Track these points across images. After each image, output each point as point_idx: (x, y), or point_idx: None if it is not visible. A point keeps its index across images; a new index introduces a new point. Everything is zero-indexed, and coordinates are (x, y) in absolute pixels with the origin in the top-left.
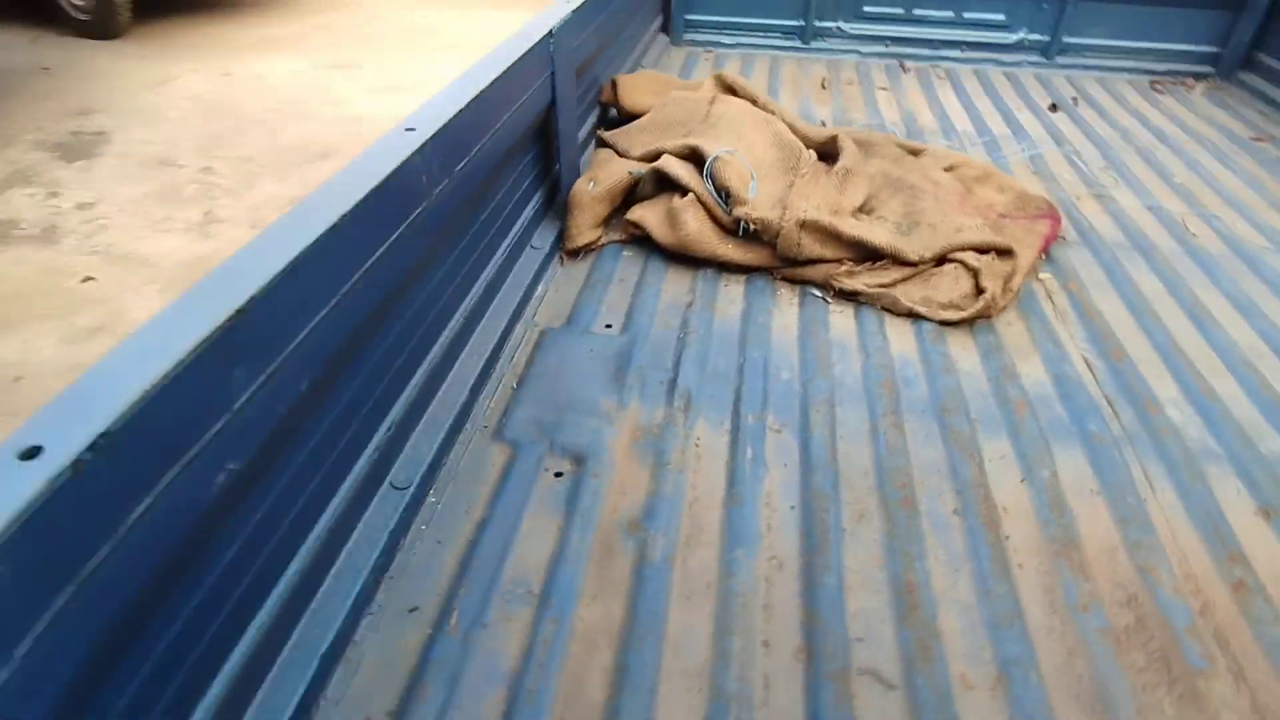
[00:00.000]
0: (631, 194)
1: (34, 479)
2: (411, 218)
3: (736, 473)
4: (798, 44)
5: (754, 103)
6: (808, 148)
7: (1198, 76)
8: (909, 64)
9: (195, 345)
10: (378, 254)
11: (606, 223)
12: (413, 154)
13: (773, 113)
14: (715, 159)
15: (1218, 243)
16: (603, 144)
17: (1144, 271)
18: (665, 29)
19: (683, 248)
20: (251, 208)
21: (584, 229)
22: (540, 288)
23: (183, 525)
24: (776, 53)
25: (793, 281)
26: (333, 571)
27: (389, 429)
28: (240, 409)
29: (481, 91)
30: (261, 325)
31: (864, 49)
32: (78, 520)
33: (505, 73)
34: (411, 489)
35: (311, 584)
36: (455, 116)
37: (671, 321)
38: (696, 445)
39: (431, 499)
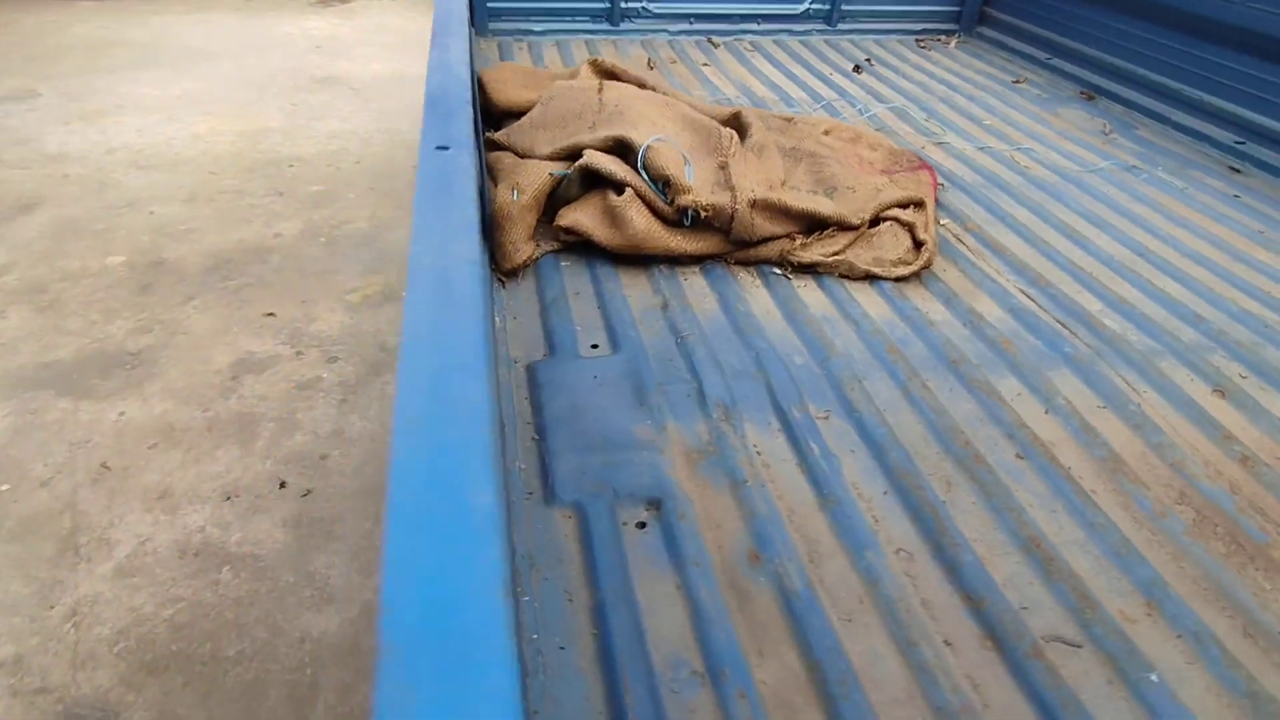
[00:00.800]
0: (550, 198)
1: None
2: None
3: (814, 472)
4: (607, 26)
5: (641, 86)
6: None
7: (949, 33)
8: (717, 39)
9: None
10: None
11: (535, 233)
12: (468, 175)
13: (665, 93)
14: (647, 148)
15: (1045, 171)
16: (494, 146)
17: (1012, 204)
18: (469, 20)
19: (632, 247)
20: None
21: (519, 244)
22: (498, 319)
23: None
24: (589, 37)
25: (745, 263)
26: None
27: None
28: None
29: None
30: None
31: (671, 28)
32: None
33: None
34: None
35: None
36: (472, 127)
37: (657, 328)
38: (759, 453)
39: (526, 598)
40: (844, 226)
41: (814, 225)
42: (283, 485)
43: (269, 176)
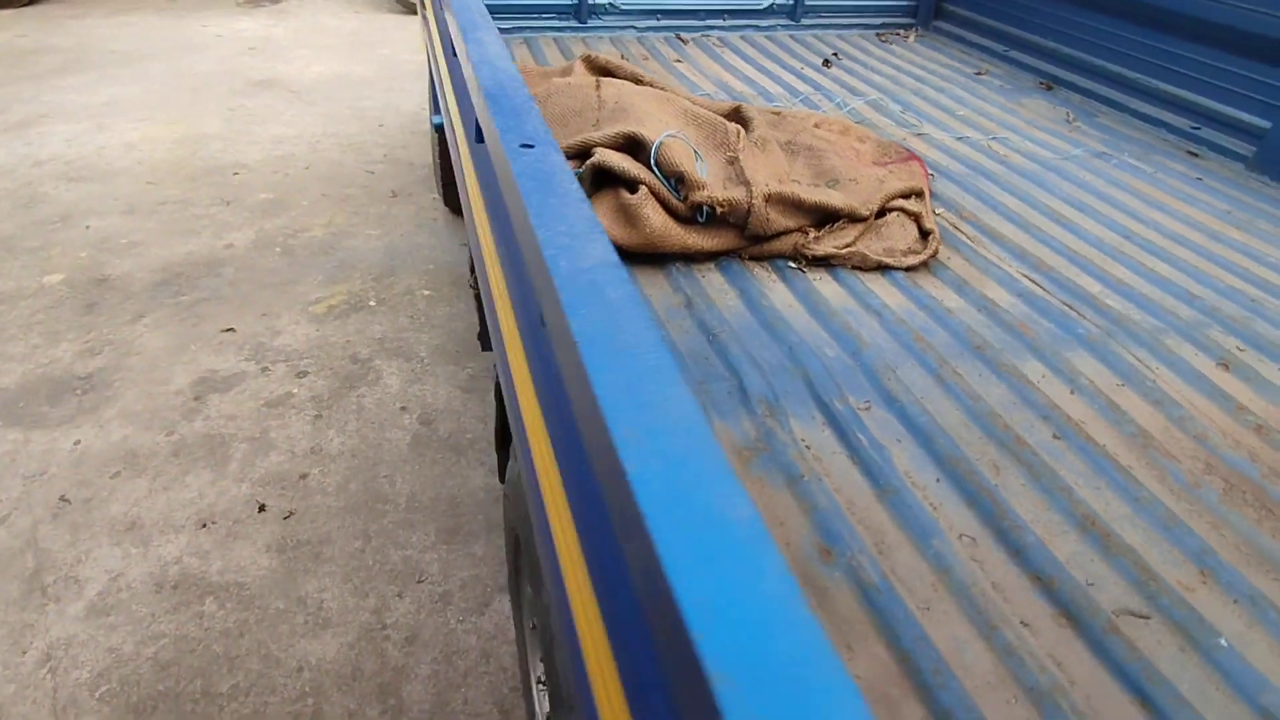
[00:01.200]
0: None
1: None
2: None
3: (866, 463)
4: (574, 24)
5: (637, 81)
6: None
7: (906, 28)
8: (685, 35)
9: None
10: None
11: None
12: (566, 172)
13: (663, 89)
14: (660, 144)
15: (1023, 160)
16: None
17: (1000, 192)
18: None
19: (649, 246)
20: None
21: None
22: None
23: None
24: (557, 34)
25: (759, 258)
26: None
27: None
28: None
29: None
30: None
31: (639, 24)
32: None
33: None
34: None
35: None
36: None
37: (685, 326)
38: (808, 448)
39: None
40: (854, 218)
41: (825, 218)
42: (262, 508)
43: (213, 185)
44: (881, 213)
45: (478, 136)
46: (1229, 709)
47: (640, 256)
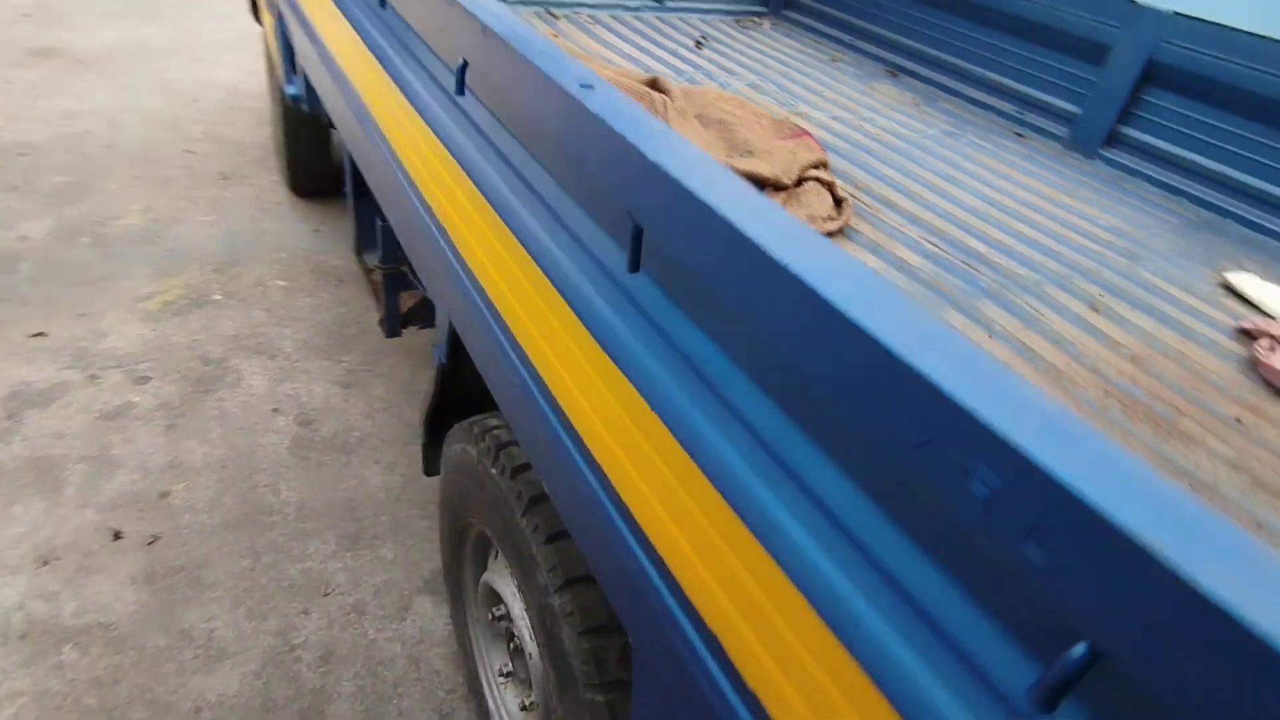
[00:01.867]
0: None
1: None
2: None
3: None
4: None
5: None
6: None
7: (759, 15)
8: (557, 11)
9: None
10: None
11: None
12: (638, 109)
13: (580, 56)
14: None
15: (891, 138)
16: None
17: (882, 166)
18: None
19: None
20: None
21: None
22: None
23: None
24: None
25: None
26: None
27: None
28: None
29: None
30: None
31: None
32: None
33: None
34: None
35: None
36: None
37: None
38: None
39: None
40: (778, 187)
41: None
42: (118, 536)
43: None
44: (799, 182)
45: (459, 89)
46: None
47: None
